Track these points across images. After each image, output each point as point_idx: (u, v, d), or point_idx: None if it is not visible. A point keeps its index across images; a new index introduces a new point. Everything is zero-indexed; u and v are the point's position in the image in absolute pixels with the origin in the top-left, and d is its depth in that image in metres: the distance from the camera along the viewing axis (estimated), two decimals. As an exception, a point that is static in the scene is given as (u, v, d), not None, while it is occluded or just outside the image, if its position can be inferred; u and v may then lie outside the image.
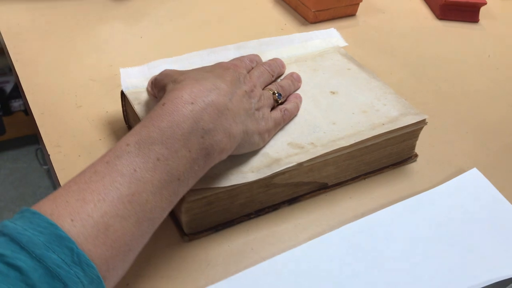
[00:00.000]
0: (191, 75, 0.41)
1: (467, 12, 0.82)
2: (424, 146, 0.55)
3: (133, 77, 0.50)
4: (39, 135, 0.53)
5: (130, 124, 0.53)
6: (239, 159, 0.43)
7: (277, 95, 0.48)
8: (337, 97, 0.52)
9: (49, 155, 0.50)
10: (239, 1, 0.81)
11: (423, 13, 0.84)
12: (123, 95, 0.51)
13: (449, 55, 0.74)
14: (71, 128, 0.53)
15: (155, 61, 0.52)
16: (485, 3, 0.81)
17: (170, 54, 0.54)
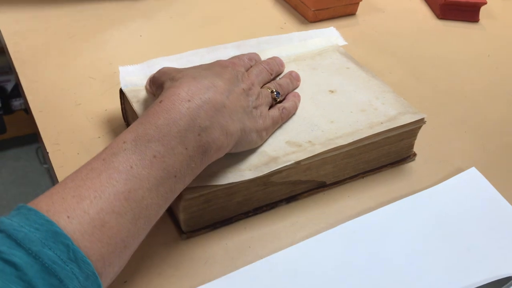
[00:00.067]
0: (188, 73, 0.41)
1: (467, 11, 0.82)
2: (422, 145, 0.55)
3: (132, 75, 0.50)
4: (38, 132, 0.53)
5: (128, 122, 0.53)
6: (237, 157, 0.43)
7: (275, 93, 0.48)
8: (336, 96, 0.52)
9: (48, 153, 0.50)
10: (239, 0, 0.81)
11: (423, 12, 0.84)
12: (122, 93, 0.51)
13: (449, 55, 0.73)
14: (70, 125, 0.53)
15: (154, 59, 0.52)
16: (485, 3, 0.81)
17: (170, 52, 0.54)
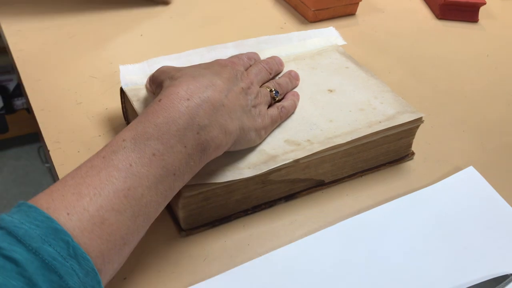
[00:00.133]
0: (188, 71, 0.41)
1: (467, 12, 0.82)
2: (421, 144, 0.55)
3: (132, 74, 0.51)
4: (39, 131, 0.53)
5: (129, 120, 0.54)
6: (236, 155, 0.44)
7: (274, 92, 0.48)
8: (335, 95, 0.52)
9: (48, 151, 0.50)
10: (239, 0, 0.81)
11: (423, 12, 0.84)
12: (123, 92, 0.51)
13: (448, 55, 0.74)
14: (71, 124, 0.54)
15: (154, 58, 0.52)
16: (484, 3, 0.81)
17: (170, 52, 0.54)
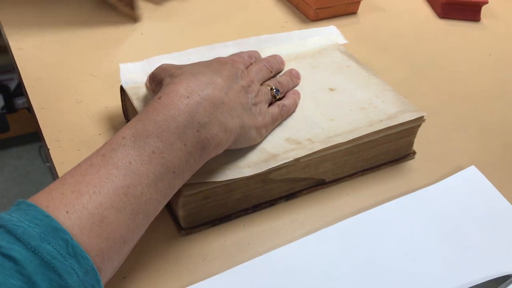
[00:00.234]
0: (188, 69, 0.41)
1: (469, 11, 0.82)
2: (422, 143, 0.55)
3: (132, 72, 0.51)
4: (39, 129, 0.53)
5: (129, 119, 0.54)
6: (236, 154, 0.44)
7: (275, 90, 0.48)
8: (336, 94, 0.52)
9: (48, 149, 0.50)
10: (240, -2, 0.81)
11: (425, 12, 0.84)
12: (123, 90, 0.51)
13: (450, 54, 0.73)
14: (71, 122, 0.54)
15: (154, 57, 0.52)
16: (486, 2, 0.81)
17: (170, 51, 0.54)
